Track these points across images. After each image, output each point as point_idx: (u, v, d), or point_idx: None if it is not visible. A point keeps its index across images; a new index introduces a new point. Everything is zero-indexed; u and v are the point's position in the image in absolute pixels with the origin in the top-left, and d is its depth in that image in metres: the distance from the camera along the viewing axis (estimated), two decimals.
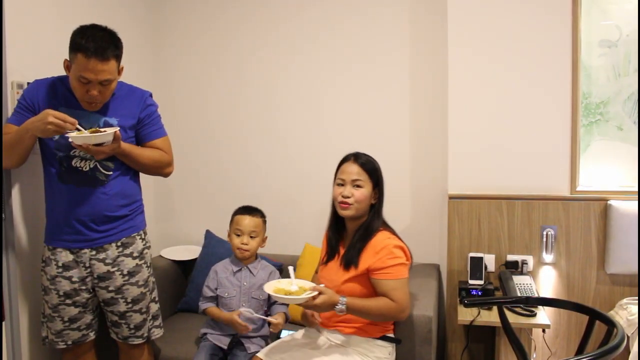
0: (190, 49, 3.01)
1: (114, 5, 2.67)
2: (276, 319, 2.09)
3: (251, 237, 2.17)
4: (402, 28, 2.69)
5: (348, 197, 1.91)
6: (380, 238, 1.90)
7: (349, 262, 1.91)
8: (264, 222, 2.24)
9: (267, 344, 2.12)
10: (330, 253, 2.03)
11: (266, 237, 2.26)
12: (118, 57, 1.84)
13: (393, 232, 1.96)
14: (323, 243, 2.11)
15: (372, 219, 1.94)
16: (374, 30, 2.73)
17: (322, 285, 1.81)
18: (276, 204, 2.90)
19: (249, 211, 2.22)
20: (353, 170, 1.92)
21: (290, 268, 1.91)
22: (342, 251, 1.99)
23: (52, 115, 1.71)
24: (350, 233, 1.98)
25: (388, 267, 1.84)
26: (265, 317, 2.10)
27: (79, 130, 1.77)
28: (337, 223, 2.03)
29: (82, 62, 1.74)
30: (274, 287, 1.83)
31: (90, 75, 1.76)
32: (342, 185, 1.94)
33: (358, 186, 1.91)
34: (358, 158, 1.95)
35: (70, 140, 1.76)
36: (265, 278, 2.19)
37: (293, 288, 1.81)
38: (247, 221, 2.17)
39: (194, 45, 3.01)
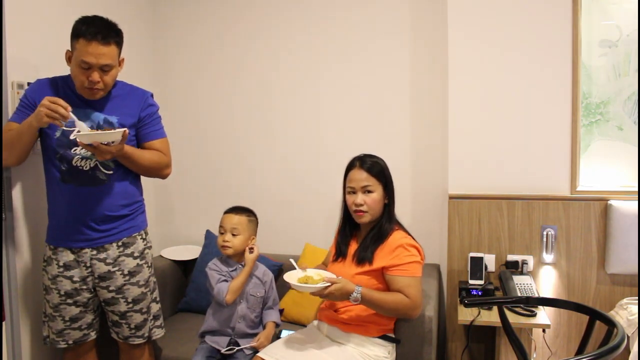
0: (191, 50, 3.02)
1: (114, 7, 2.67)
2: (258, 338, 2.09)
3: (233, 234, 2.15)
4: (402, 27, 2.69)
5: (361, 205, 1.93)
6: (397, 237, 1.93)
7: (363, 259, 1.93)
8: (250, 221, 2.20)
9: None
10: (339, 253, 2.05)
11: (254, 238, 2.20)
12: (119, 44, 1.86)
13: (407, 232, 1.98)
14: (332, 244, 2.13)
15: (385, 220, 1.96)
16: (373, 29, 2.73)
17: (339, 277, 1.83)
18: (276, 204, 2.91)
19: (235, 210, 2.21)
20: (361, 177, 1.94)
21: (292, 261, 1.95)
22: (353, 248, 2.01)
23: (45, 100, 1.71)
24: (364, 231, 2.01)
25: (404, 264, 1.87)
26: (250, 345, 2.08)
27: (76, 128, 1.76)
28: (347, 224, 2.06)
29: (84, 46, 1.76)
30: (294, 276, 1.86)
31: (91, 58, 1.77)
32: (353, 193, 1.95)
33: (369, 191, 1.92)
34: (363, 163, 1.96)
35: (73, 137, 1.75)
36: (260, 276, 2.20)
37: (310, 273, 1.86)
38: (230, 219, 2.16)
39: (194, 47, 3.01)
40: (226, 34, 2.95)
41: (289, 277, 1.86)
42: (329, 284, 1.77)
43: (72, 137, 1.77)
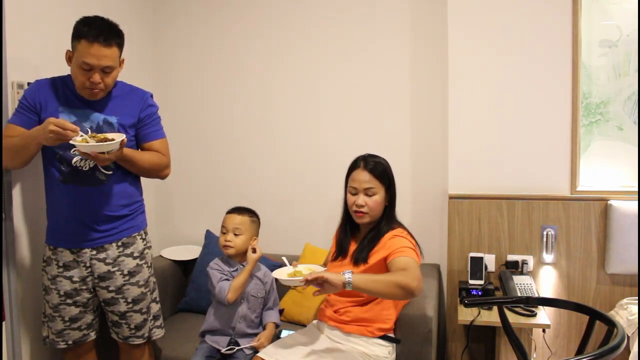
0: (191, 50, 3.01)
1: (114, 6, 2.67)
2: (259, 339, 2.10)
3: (235, 234, 2.15)
4: (402, 27, 2.69)
5: (362, 207, 1.92)
6: (393, 232, 1.92)
7: (358, 259, 1.93)
8: (253, 221, 2.21)
9: None
10: (340, 251, 2.04)
11: (256, 238, 2.20)
12: (120, 46, 1.86)
13: (408, 232, 1.97)
14: (333, 241, 2.13)
15: (384, 222, 1.95)
16: (373, 29, 2.73)
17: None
18: (276, 204, 2.91)
19: (237, 210, 2.21)
20: (364, 179, 1.93)
21: (284, 258, 1.97)
22: (352, 248, 2.00)
23: (52, 124, 1.69)
24: (363, 231, 2.01)
25: (400, 247, 1.84)
26: (250, 344, 2.09)
27: (82, 136, 1.75)
28: (348, 223, 2.05)
29: (85, 47, 1.76)
30: (282, 273, 1.86)
31: (92, 60, 1.77)
32: (355, 193, 1.95)
33: (371, 194, 1.92)
34: (367, 164, 1.95)
35: (74, 151, 1.74)
36: (261, 277, 2.20)
37: (300, 268, 1.84)
38: (232, 219, 2.17)
39: (193, 46, 3.01)
40: (226, 34, 2.95)
41: (278, 273, 1.86)
42: (314, 275, 1.73)
43: (72, 151, 1.76)
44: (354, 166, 1.99)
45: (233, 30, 2.94)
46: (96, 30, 1.76)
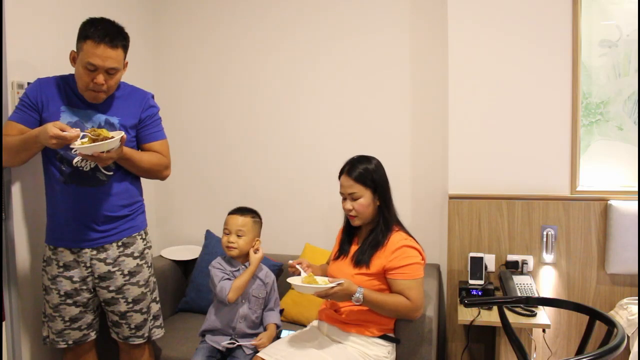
0: (190, 50, 3.01)
1: (114, 8, 2.67)
2: (260, 338, 2.10)
3: (238, 235, 2.15)
4: (402, 27, 2.69)
5: (350, 210, 1.96)
6: (397, 239, 1.93)
7: (360, 262, 1.95)
8: (255, 222, 2.21)
9: None
10: (341, 251, 2.06)
11: (258, 240, 2.20)
12: (125, 48, 1.86)
13: (408, 233, 1.99)
14: (336, 241, 2.14)
15: (382, 224, 1.97)
16: (373, 28, 2.73)
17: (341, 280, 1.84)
18: (277, 204, 2.91)
19: (240, 211, 2.21)
20: (347, 184, 1.96)
21: (298, 266, 1.98)
22: (353, 248, 2.02)
23: (53, 136, 1.68)
24: (364, 232, 2.03)
25: (404, 266, 1.88)
26: (251, 343, 2.09)
27: (83, 139, 1.74)
28: (348, 224, 2.07)
29: (91, 48, 1.76)
30: (299, 278, 1.89)
31: (98, 61, 1.77)
32: (344, 199, 1.98)
33: (355, 198, 1.94)
34: (350, 169, 1.97)
35: (75, 151, 1.73)
36: (262, 277, 2.21)
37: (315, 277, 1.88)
38: (235, 220, 2.17)
39: (193, 47, 3.01)
40: (227, 35, 2.94)
41: (294, 279, 1.88)
42: (334, 284, 1.79)
43: (72, 152, 1.76)
44: (340, 172, 2.02)
45: (234, 30, 2.94)
46: (103, 32, 1.76)
